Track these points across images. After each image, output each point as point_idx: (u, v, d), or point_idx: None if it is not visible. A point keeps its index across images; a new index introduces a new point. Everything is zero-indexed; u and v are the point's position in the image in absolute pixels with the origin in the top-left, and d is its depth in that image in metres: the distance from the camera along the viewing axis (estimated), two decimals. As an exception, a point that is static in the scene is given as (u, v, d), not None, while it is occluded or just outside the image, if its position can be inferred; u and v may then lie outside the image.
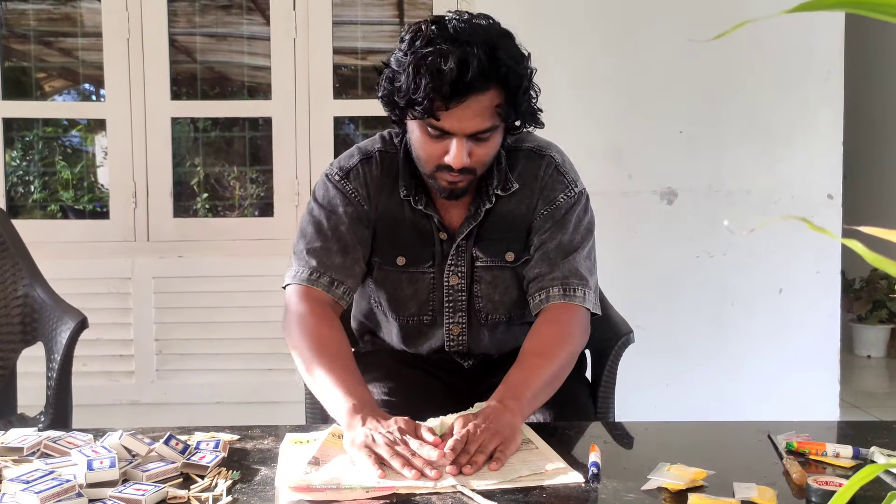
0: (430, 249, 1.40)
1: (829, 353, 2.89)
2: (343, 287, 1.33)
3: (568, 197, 1.38)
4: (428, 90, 1.18)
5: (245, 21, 3.11)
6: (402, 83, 1.22)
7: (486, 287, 1.41)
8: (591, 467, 1.01)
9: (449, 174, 1.27)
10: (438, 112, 1.21)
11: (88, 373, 2.74)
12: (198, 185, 3.24)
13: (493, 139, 1.27)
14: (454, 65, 1.16)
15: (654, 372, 2.81)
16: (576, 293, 1.32)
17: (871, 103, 4.76)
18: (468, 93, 1.18)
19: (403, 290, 1.42)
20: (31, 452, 1.08)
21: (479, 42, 1.19)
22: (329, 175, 1.40)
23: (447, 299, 1.41)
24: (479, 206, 1.37)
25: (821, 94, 2.84)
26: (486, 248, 1.39)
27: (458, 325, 1.43)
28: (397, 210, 1.39)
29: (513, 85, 1.23)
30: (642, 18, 2.83)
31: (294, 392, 2.68)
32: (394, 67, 1.25)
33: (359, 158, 1.40)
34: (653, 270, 2.87)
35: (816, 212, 2.85)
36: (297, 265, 1.35)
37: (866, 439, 1.19)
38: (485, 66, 1.18)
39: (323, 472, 1.01)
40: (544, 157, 1.40)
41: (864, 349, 4.85)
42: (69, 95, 3.37)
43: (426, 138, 1.26)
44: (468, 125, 1.22)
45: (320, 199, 1.39)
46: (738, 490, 0.95)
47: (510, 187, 1.38)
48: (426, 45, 1.20)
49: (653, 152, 2.85)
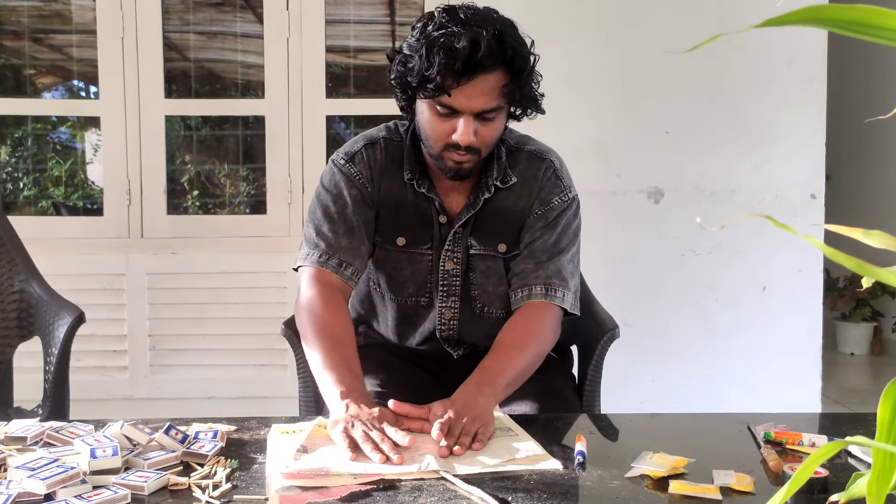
0: (429, 232, 1.46)
1: (811, 350, 2.94)
2: (351, 268, 1.40)
3: (562, 201, 1.46)
4: (441, 66, 1.26)
5: (236, 19, 3.13)
6: (414, 63, 1.30)
7: (480, 276, 1.47)
8: (578, 456, 1.06)
9: (456, 153, 1.34)
10: (450, 89, 1.28)
11: (82, 367, 2.76)
12: (189, 182, 3.27)
13: (497, 120, 1.35)
14: (466, 43, 1.25)
15: (640, 368, 2.86)
16: (556, 293, 1.40)
17: (854, 104, 4.83)
18: (477, 71, 1.27)
19: (402, 271, 1.48)
20: (34, 442, 1.10)
21: (487, 26, 1.28)
22: (335, 160, 1.47)
23: (442, 283, 1.47)
24: (479, 196, 1.44)
25: (804, 96, 2.90)
26: (481, 237, 1.46)
27: (451, 309, 1.49)
28: (400, 192, 1.46)
29: (518, 67, 1.31)
30: (630, 21, 2.88)
31: (286, 387, 2.73)
32: (406, 52, 1.33)
33: (363, 143, 1.47)
34: (639, 268, 2.92)
35: (799, 211, 2.91)
36: (307, 248, 1.42)
37: (842, 430, 1.24)
38: (493, 47, 1.27)
39: (311, 459, 1.05)
40: (544, 160, 1.48)
41: (848, 346, 4.92)
42: (57, 92, 3.38)
43: (435, 117, 1.34)
44: (476, 103, 1.30)
45: (327, 184, 1.46)
46: (717, 477, 0.99)
47: (508, 181, 1.45)
48: (438, 28, 1.29)
49: (640, 152, 2.90)
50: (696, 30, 2.83)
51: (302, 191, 2.93)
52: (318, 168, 2.93)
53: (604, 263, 2.70)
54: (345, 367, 1.26)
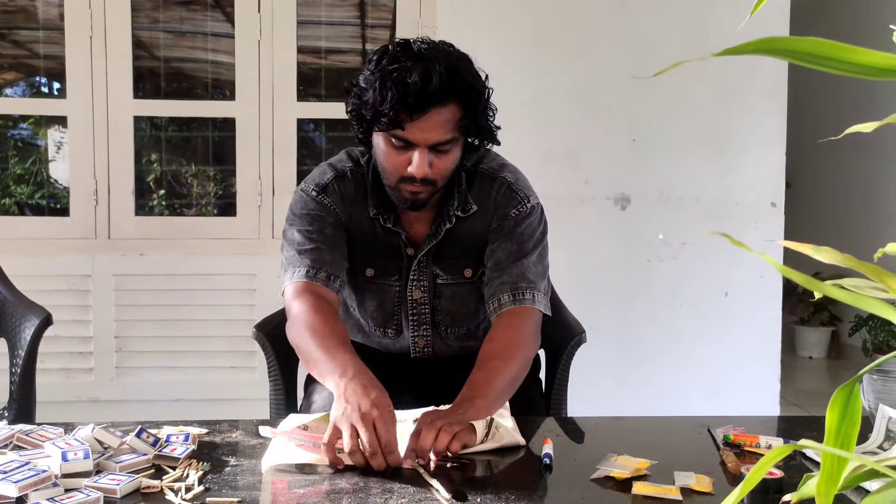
0: (397, 264, 1.48)
1: (771, 354, 3.02)
2: (339, 280, 1.39)
3: (519, 212, 1.46)
4: (394, 101, 1.26)
5: (206, 18, 3.12)
6: (369, 97, 1.30)
7: (446, 302, 1.50)
8: (544, 458, 1.09)
9: (411, 185, 1.35)
10: (403, 123, 1.28)
11: (47, 370, 2.73)
12: (154, 181, 3.24)
13: (452, 152, 1.35)
14: (418, 78, 1.26)
15: (605, 371, 2.91)
16: (524, 296, 1.40)
17: (814, 114, 4.96)
18: (430, 105, 1.27)
19: (369, 302, 1.50)
20: (4, 445, 1.10)
21: (440, 59, 1.29)
22: (306, 191, 1.46)
23: (411, 313, 1.50)
24: (441, 226, 1.45)
25: (766, 107, 2.98)
26: (446, 266, 1.48)
27: (423, 337, 1.52)
28: (368, 225, 1.46)
29: (471, 100, 1.32)
30: (599, 31, 2.93)
31: (255, 389, 2.72)
32: (362, 85, 1.33)
33: (332, 175, 1.46)
34: (606, 273, 2.97)
35: (760, 219, 2.98)
36: (292, 268, 1.39)
37: (798, 432, 1.29)
38: (445, 81, 1.27)
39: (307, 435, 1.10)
40: (496, 178, 1.48)
41: (806, 350, 5.04)
42: (19, 88, 3.33)
43: (390, 150, 1.34)
44: (430, 136, 1.31)
45: (298, 212, 1.44)
46: (678, 478, 1.03)
47: (470, 208, 1.46)
48: (392, 62, 1.29)
49: (607, 160, 2.96)
50: (668, 39, 2.89)
51: (272, 193, 2.93)
52: (288, 171, 2.93)
53: (570, 268, 2.74)
54: (340, 349, 1.23)
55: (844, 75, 0.54)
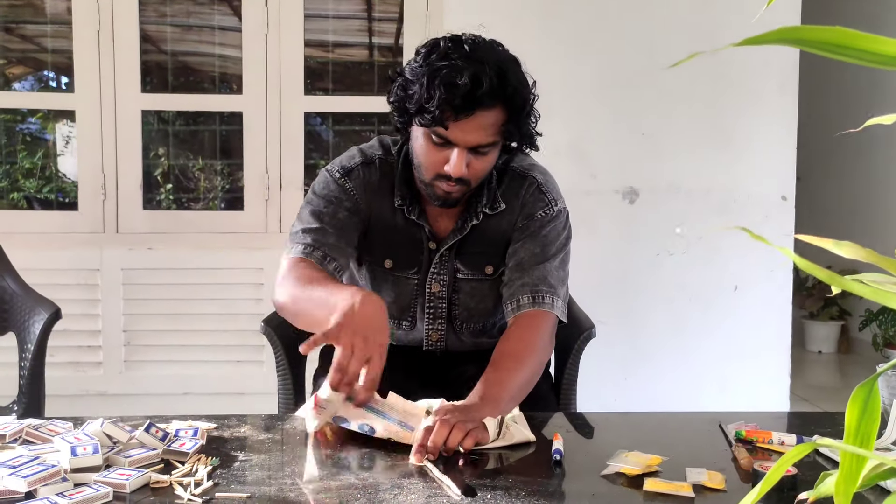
0: (418, 257, 1.47)
1: (780, 349, 3.01)
2: (335, 263, 1.37)
3: (546, 213, 1.45)
4: (441, 101, 1.25)
5: (213, 12, 3.11)
6: (415, 92, 1.29)
7: (464, 297, 1.49)
8: (555, 454, 1.08)
9: (446, 183, 1.34)
10: (447, 122, 1.28)
11: (56, 363, 2.73)
12: (162, 176, 3.24)
13: (490, 154, 1.35)
14: (468, 80, 1.24)
15: (614, 366, 2.90)
16: (544, 300, 1.38)
17: (826, 107, 4.92)
18: (476, 107, 1.26)
19: (386, 293, 1.48)
20: (13, 440, 1.10)
21: (491, 62, 1.27)
22: (330, 171, 1.45)
23: (428, 306, 1.49)
24: (467, 221, 1.44)
25: (777, 100, 2.95)
26: (468, 261, 1.47)
27: (438, 331, 1.51)
28: (390, 216, 1.45)
29: (517, 106, 1.31)
30: (607, 23, 2.91)
31: (263, 383, 2.72)
32: (408, 77, 1.32)
33: (360, 160, 1.46)
34: (614, 267, 2.95)
35: (770, 212, 2.96)
36: (292, 243, 1.38)
37: (810, 429, 1.28)
38: (494, 85, 1.26)
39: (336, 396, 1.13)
40: (527, 177, 1.47)
41: (816, 345, 5.02)
42: (27, 82, 3.33)
43: (430, 146, 1.33)
44: (471, 137, 1.30)
45: (319, 191, 1.44)
46: (690, 475, 1.02)
47: (498, 207, 1.45)
48: (442, 58, 1.28)
49: (616, 153, 2.94)
50: (677, 32, 2.87)
51: (280, 188, 2.92)
52: (295, 165, 2.93)
53: (579, 263, 2.69)
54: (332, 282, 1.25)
55: (865, 65, 0.53)
